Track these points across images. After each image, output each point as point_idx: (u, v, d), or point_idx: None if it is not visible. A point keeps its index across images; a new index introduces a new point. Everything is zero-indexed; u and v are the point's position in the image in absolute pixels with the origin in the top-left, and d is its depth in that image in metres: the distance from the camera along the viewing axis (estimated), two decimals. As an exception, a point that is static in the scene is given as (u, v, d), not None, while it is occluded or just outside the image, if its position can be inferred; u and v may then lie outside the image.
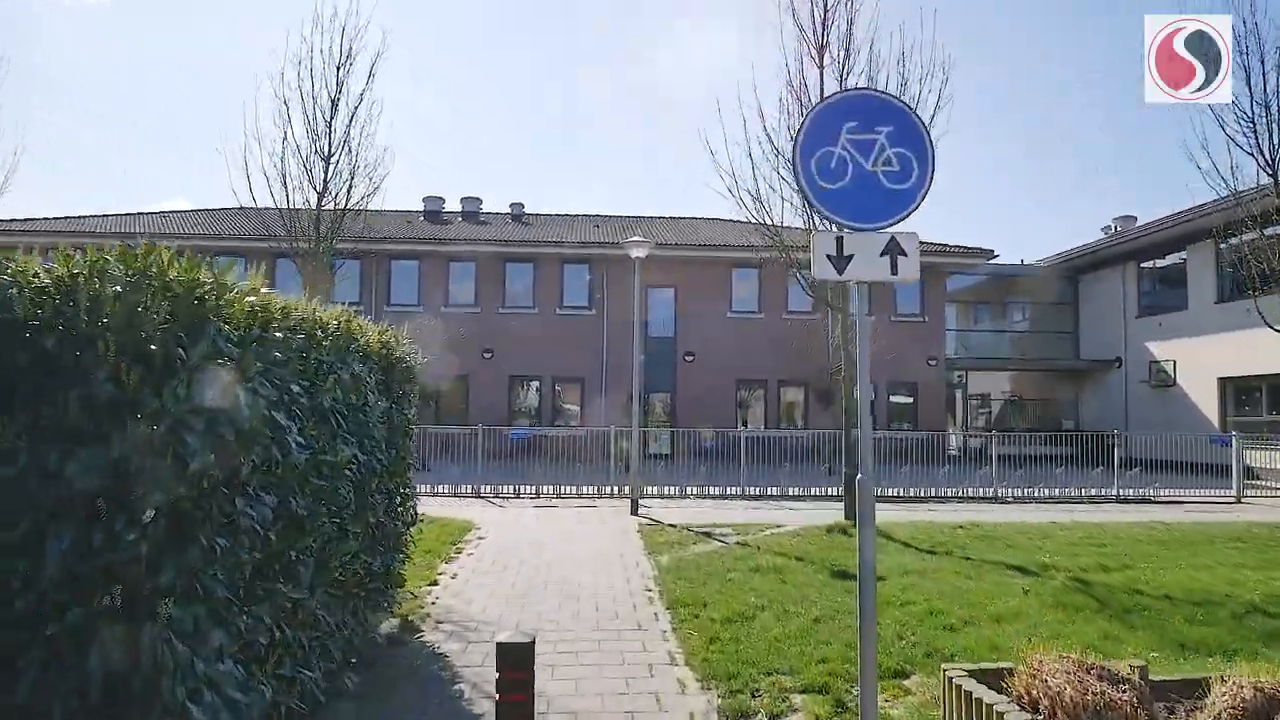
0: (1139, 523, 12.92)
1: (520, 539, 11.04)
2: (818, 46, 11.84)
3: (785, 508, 14.84)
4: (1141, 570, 9.09)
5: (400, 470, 6.53)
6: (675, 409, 27.91)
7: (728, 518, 13.23)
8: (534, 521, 12.74)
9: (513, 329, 27.73)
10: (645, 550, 10.32)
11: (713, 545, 10.69)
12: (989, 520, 13.07)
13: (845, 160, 4.08)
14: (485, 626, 6.68)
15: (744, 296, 28.76)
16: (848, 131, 4.10)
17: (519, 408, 28.50)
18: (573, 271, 28.44)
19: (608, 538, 11.28)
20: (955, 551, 10.24)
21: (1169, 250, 25.63)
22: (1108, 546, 10.69)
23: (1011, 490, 16.56)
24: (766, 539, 11.12)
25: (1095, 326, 29.19)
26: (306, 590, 4.23)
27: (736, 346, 27.63)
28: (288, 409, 3.98)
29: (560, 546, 10.51)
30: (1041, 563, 9.49)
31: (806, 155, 4.12)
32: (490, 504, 14.95)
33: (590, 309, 28.09)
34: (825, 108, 4.30)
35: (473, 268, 28.31)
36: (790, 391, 28.45)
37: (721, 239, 28.88)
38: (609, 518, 13.27)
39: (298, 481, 4.13)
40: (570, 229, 30.51)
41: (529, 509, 14.32)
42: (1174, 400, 24.80)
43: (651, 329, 27.35)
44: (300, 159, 13.77)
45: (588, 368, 27.71)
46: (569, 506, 14.73)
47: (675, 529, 11.99)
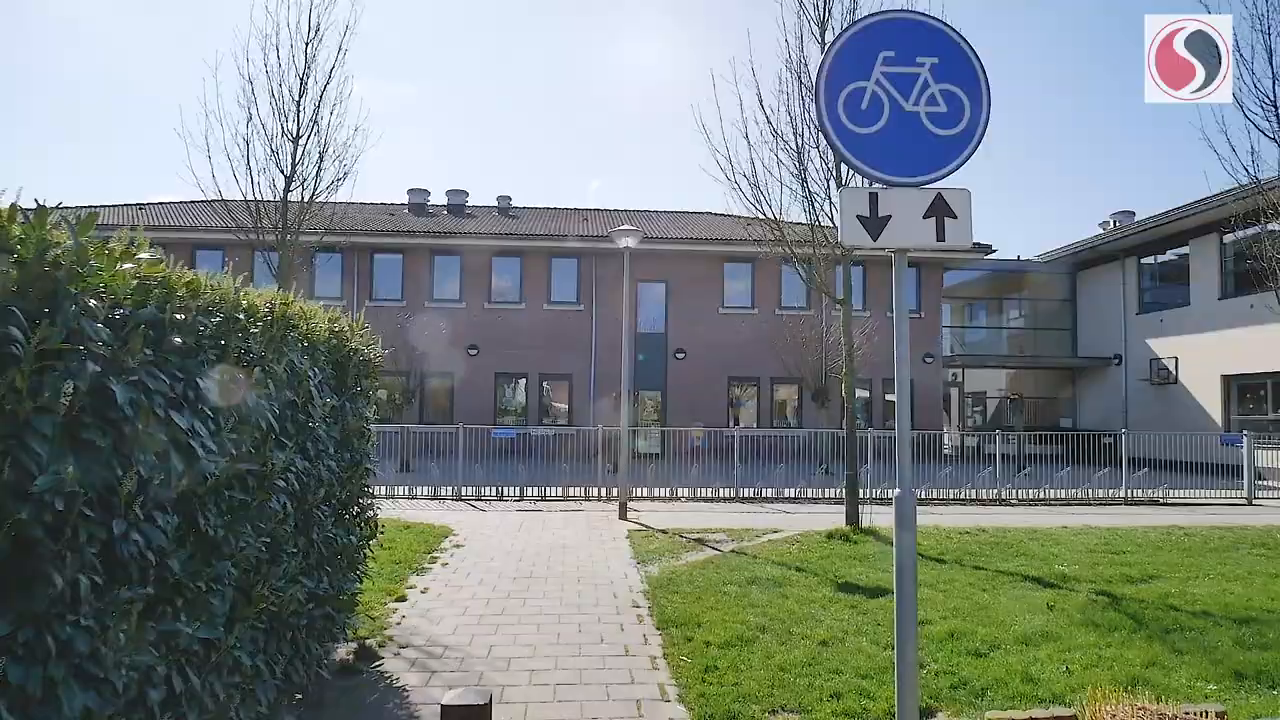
0: (1154, 526, 12.26)
1: (500, 547, 10.29)
2: (819, 22, 11.12)
3: (781, 511, 14.14)
4: (1170, 581, 8.41)
5: (356, 477, 5.77)
6: (666, 407, 27.21)
7: (721, 522, 12.52)
8: (516, 527, 11.99)
9: (499, 325, 26.97)
10: (634, 560, 9.59)
11: (706, 553, 9.97)
12: (995, 524, 12.40)
13: (880, 98, 3.34)
14: (453, 652, 5.94)
15: (736, 292, 28.07)
16: (883, 63, 3.36)
17: (506, 406, 27.75)
18: (561, 266, 27.67)
19: (594, 546, 10.55)
20: (965, 560, 9.56)
21: (1171, 245, 25.06)
22: (1127, 554, 10.02)
23: (1016, 492, 15.90)
24: (763, 546, 10.41)
25: (1094, 323, 28.61)
26: (221, 627, 3.49)
27: (728, 343, 26.94)
28: (195, 408, 3.24)
29: (543, 556, 9.77)
30: (1060, 573, 8.82)
31: (833, 91, 3.37)
32: (472, 507, 14.20)
33: (579, 304, 27.35)
34: (857, 32, 3.54)
35: (458, 262, 27.53)
36: (783, 390, 27.78)
37: (713, 232, 28.17)
38: (596, 522, 12.54)
39: (210, 496, 3.40)
40: (559, 222, 29.75)
41: (512, 513, 13.57)
42: (1175, 398, 24.22)
43: (642, 325, 26.65)
44: (266, 140, 12.96)
45: (576, 365, 26.98)
46: (554, 510, 13.99)
47: (666, 535, 11.27)
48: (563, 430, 19.48)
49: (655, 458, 21.07)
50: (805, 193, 11.34)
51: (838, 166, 11.16)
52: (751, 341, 26.79)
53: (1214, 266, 23.03)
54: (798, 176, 11.42)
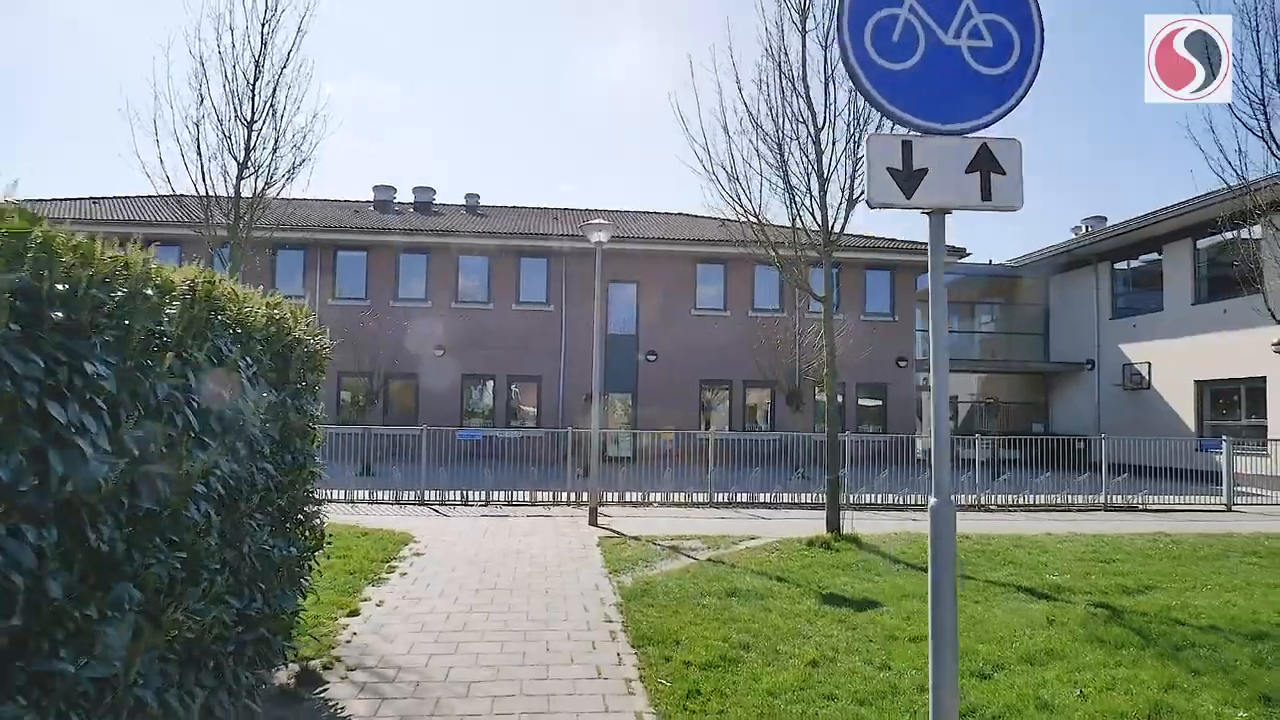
0: (1140, 534, 11.95)
1: (463, 555, 9.70)
2: (799, 9, 10.68)
3: (757, 517, 13.68)
4: (1168, 593, 8.04)
5: (300, 482, 5.18)
6: (637, 410, 26.67)
7: (696, 528, 12.02)
8: (481, 534, 11.40)
9: (467, 325, 26.29)
10: (606, 569, 9.05)
11: (681, 562, 9.47)
12: (978, 531, 12.06)
13: (914, 28, 2.84)
14: (407, 675, 5.37)
15: (709, 293, 27.63)
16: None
17: (473, 408, 27.07)
18: (530, 265, 27.05)
19: (563, 553, 9.99)
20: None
21: (1144, 250, 24.98)
22: (1117, 562, 9.67)
23: (996, 498, 15.57)
24: (741, 555, 9.92)
25: (1067, 328, 28.53)
26: (118, 662, 2.91)
27: (701, 345, 26.47)
28: (83, 398, 2.67)
29: (508, 565, 9.20)
30: (1053, 583, 8.43)
31: (858, 18, 2.84)
32: (435, 513, 13.57)
33: (548, 305, 26.75)
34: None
35: (424, 260, 26.82)
36: (756, 393, 27.38)
37: (686, 232, 27.73)
38: (565, 529, 11.98)
39: (104, 505, 2.82)
40: (528, 221, 29.13)
41: (478, 518, 12.97)
42: (1148, 403, 24.13)
43: (612, 326, 26.12)
44: (218, 123, 12.24)
45: (546, 367, 26.38)
46: (522, 516, 13.40)
47: (639, 542, 10.75)
48: (531, 433, 18.90)
49: (627, 461, 20.60)
50: (785, 185, 10.90)
51: (818, 159, 10.75)
52: (724, 344, 26.38)
53: (1187, 272, 22.96)
54: (777, 168, 10.97)
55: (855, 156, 10.57)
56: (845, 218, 10.73)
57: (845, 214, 10.69)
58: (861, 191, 10.68)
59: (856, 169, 10.60)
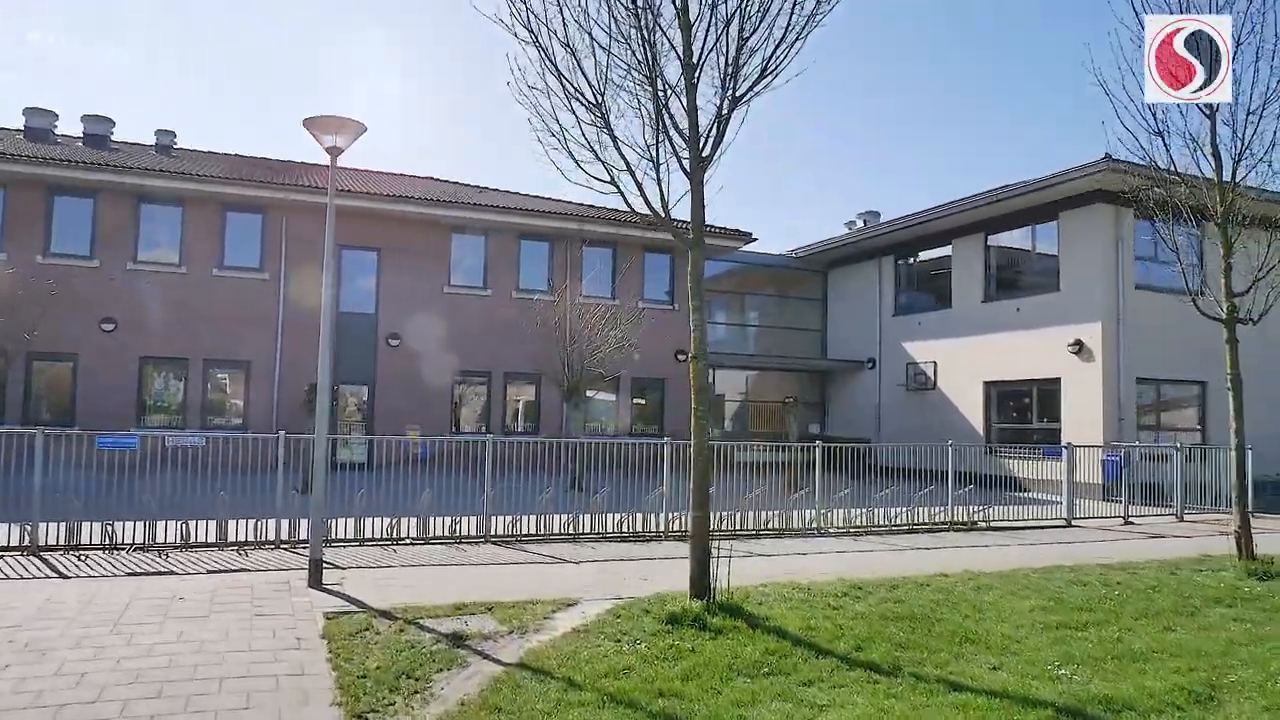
0: (1036, 569, 9.52)
1: (52, 690, 5.08)
2: None
3: (559, 559, 9.87)
4: (1244, 700, 5.25)
5: None
6: (373, 406, 21.90)
7: (477, 584, 8.07)
8: (108, 622, 6.62)
9: (148, 293, 20.17)
10: (339, 705, 4.88)
11: (472, 674, 5.48)
12: (856, 571, 9.07)
13: None
14: None
15: (466, 269, 23.42)
16: None
17: (157, 403, 20.93)
18: (239, 221, 21.33)
19: (258, 670, 5.59)
20: (902, 661, 5.90)
21: (932, 245, 23.95)
22: (1104, 625, 6.94)
23: (833, 515, 12.80)
24: (567, 649, 6.03)
25: (846, 324, 27.28)
26: None
27: (455, 330, 22.17)
28: None
29: (140, 706, 4.76)
30: (1070, 692, 5.39)
31: None
32: (49, 568, 8.50)
33: (262, 271, 21.23)
34: None
35: (90, 205, 20.31)
36: (519, 386, 23.55)
37: (439, 194, 23.31)
38: (268, 602, 7.42)
39: None
40: (237, 169, 23.28)
41: (119, 578, 8.13)
42: (934, 404, 23.07)
43: (345, 303, 21.21)
44: None
45: (254, 349, 20.88)
46: (192, 571, 8.62)
47: (393, 625, 6.57)
48: (231, 434, 13.71)
49: (360, 468, 16.12)
50: (650, 88, 7.25)
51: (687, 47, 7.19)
52: (483, 329, 22.31)
53: (978, 268, 22.03)
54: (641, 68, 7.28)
55: (740, 37, 7.14)
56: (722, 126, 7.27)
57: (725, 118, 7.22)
58: (748, 88, 7.25)
59: (740, 53, 7.17)
